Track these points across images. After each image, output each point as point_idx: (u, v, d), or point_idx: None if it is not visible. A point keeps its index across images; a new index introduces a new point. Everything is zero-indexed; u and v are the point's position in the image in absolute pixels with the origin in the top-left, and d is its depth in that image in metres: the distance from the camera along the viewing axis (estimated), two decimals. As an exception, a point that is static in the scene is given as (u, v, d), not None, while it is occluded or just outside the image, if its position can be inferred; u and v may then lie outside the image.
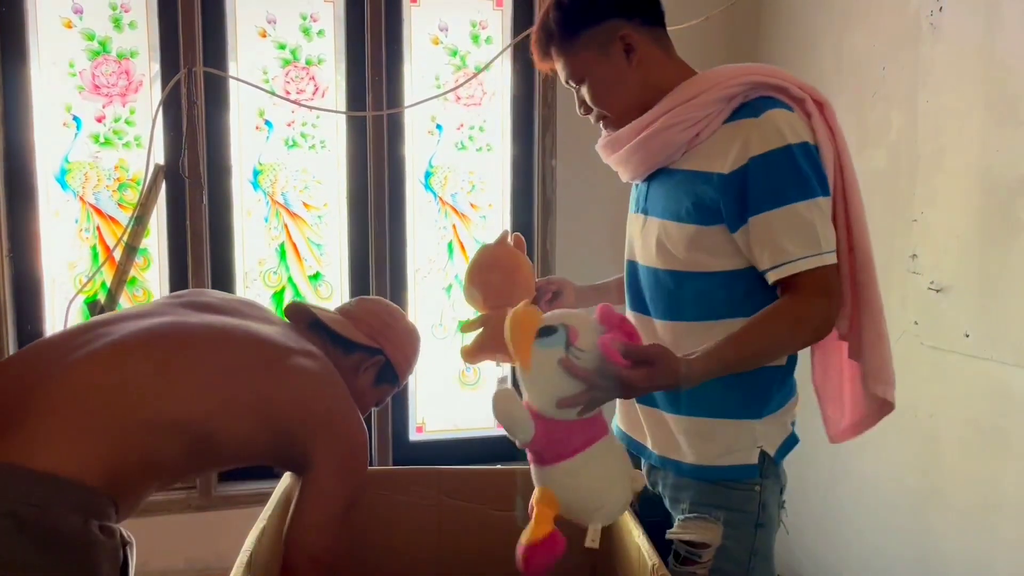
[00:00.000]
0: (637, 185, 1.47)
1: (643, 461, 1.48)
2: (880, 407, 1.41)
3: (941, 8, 2.01)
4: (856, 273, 1.33)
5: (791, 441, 1.40)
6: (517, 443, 1.26)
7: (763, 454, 1.35)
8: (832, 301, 1.25)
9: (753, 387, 1.34)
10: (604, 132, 1.45)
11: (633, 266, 1.44)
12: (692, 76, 1.35)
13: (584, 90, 1.38)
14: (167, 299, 1.43)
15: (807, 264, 1.22)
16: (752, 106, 1.26)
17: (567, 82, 1.40)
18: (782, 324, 1.24)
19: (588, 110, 1.41)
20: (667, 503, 1.43)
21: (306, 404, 1.29)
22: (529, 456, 1.29)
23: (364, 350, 1.49)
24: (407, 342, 1.57)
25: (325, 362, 1.37)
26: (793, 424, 1.42)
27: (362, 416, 1.43)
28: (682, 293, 1.33)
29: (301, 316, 1.51)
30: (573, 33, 1.34)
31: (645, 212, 1.40)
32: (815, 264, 1.22)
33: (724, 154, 1.26)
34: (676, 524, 1.38)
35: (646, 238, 1.39)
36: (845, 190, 1.33)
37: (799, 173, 1.23)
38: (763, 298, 1.29)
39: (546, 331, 1.19)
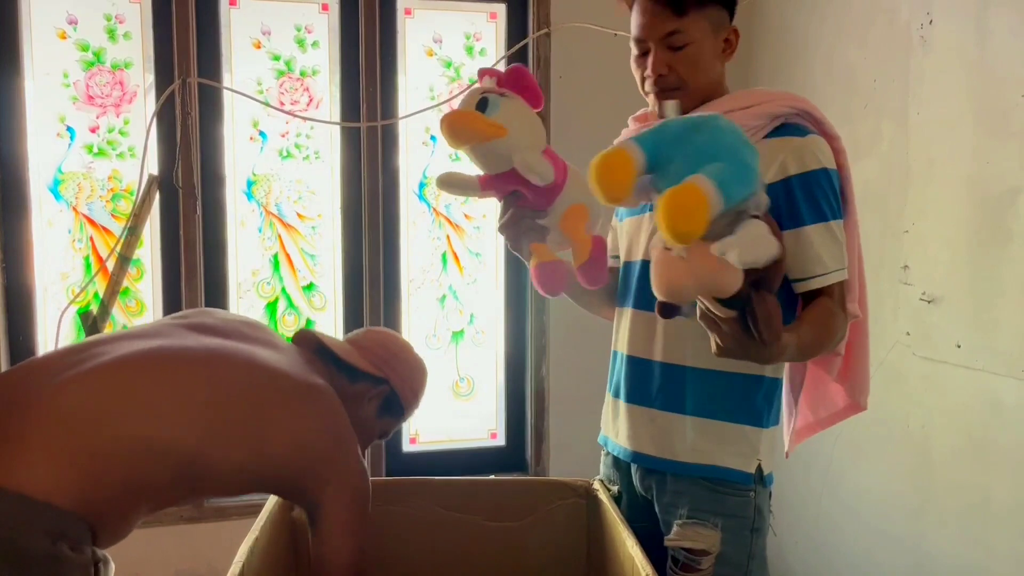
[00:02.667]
0: None
1: (633, 467, 1.49)
2: (848, 409, 1.50)
3: (931, 21, 2.03)
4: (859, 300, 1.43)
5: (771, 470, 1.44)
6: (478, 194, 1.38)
7: (759, 468, 1.38)
8: (847, 313, 1.35)
9: (755, 395, 1.38)
10: (633, 124, 1.49)
11: (645, 265, 1.45)
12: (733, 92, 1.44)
13: (676, 55, 1.37)
14: (169, 319, 1.40)
15: (838, 276, 1.32)
16: (795, 128, 1.35)
17: (663, 37, 1.36)
18: (835, 325, 1.31)
19: (665, 71, 1.38)
20: (659, 508, 1.44)
21: (304, 445, 1.25)
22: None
23: (369, 379, 1.47)
24: (414, 374, 1.54)
25: (328, 395, 1.33)
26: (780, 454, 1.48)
27: (364, 447, 1.42)
28: None
29: (308, 342, 1.48)
30: (708, 2, 1.37)
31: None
32: (842, 277, 1.33)
33: (766, 165, 1.30)
34: (674, 530, 1.38)
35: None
36: (849, 223, 1.41)
37: (834, 195, 1.34)
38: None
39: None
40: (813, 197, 1.31)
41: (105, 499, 1.11)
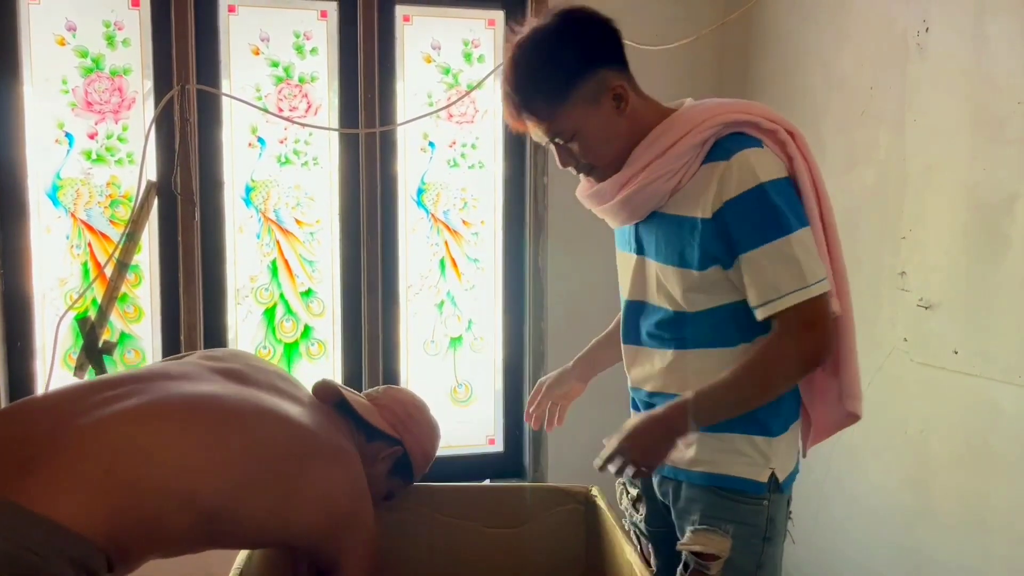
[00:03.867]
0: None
1: (653, 473, 1.48)
2: (845, 418, 1.44)
3: (927, 28, 2.03)
4: (837, 295, 1.35)
5: (796, 471, 1.43)
6: None
7: (773, 476, 1.37)
8: (818, 332, 1.27)
9: (765, 405, 1.35)
10: (585, 181, 1.44)
11: (633, 304, 1.46)
12: (666, 115, 1.35)
13: (574, 145, 1.34)
14: (203, 360, 1.41)
15: (794, 299, 1.25)
16: (723, 148, 1.28)
17: (552, 140, 1.35)
18: (774, 367, 1.27)
19: (574, 162, 1.38)
20: (674, 515, 1.44)
21: (328, 512, 1.29)
22: None
23: (385, 439, 1.49)
24: (428, 438, 1.57)
25: (354, 460, 1.36)
26: (799, 453, 1.45)
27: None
28: (687, 328, 1.35)
29: (329, 395, 1.50)
30: (564, 89, 1.29)
31: (640, 253, 1.41)
32: (802, 298, 1.25)
33: (703, 198, 1.28)
34: (687, 535, 1.38)
35: (645, 278, 1.41)
36: (823, 215, 1.34)
37: (776, 210, 1.25)
38: (767, 324, 1.31)
39: None
40: (749, 220, 1.25)
41: (128, 537, 1.13)
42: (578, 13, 1.34)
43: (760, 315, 1.28)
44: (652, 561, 1.54)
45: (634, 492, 1.56)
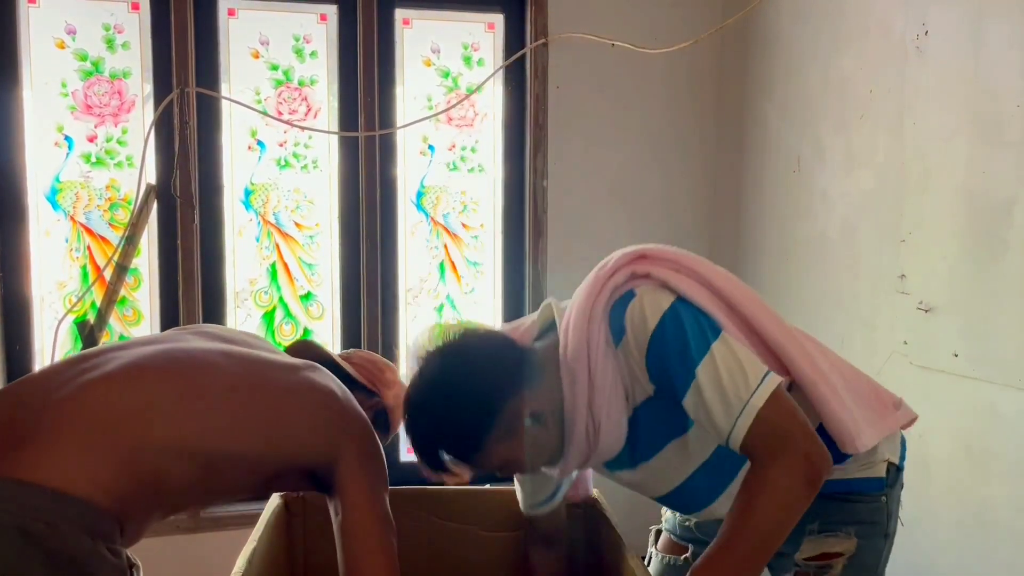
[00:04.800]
0: None
1: None
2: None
3: (927, 32, 2.04)
4: (771, 348, 1.25)
5: (904, 442, 1.39)
6: None
7: (890, 466, 1.34)
8: (791, 436, 1.14)
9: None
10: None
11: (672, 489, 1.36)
12: (553, 347, 1.23)
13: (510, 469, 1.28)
14: (175, 329, 1.45)
15: (743, 424, 1.13)
16: (616, 328, 1.19)
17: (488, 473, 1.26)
18: (772, 507, 1.13)
19: (518, 472, 1.34)
20: None
21: (320, 410, 1.29)
22: None
23: (364, 391, 1.50)
24: (400, 393, 1.59)
25: (329, 373, 1.37)
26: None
27: None
28: (721, 469, 1.29)
29: (306, 353, 1.51)
30: (475, 443, 1.16)
31: (635, 464, 1.31)
32: (749, 419, 1.12)
33: (638, 376, 1.21)
34: (804, 546, 1.32)
35: (667, 470, 1.32)
36: (719, 291, 1.24)
37: (678, 344, 1.16)
38: None
39: None
40: (667, 369, 1.16)
41: (133, 498, 1.12)
42: (464, 353, 1.21)
43: (736, 449, 1.15)
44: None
45: (686, 553, 1.50)
